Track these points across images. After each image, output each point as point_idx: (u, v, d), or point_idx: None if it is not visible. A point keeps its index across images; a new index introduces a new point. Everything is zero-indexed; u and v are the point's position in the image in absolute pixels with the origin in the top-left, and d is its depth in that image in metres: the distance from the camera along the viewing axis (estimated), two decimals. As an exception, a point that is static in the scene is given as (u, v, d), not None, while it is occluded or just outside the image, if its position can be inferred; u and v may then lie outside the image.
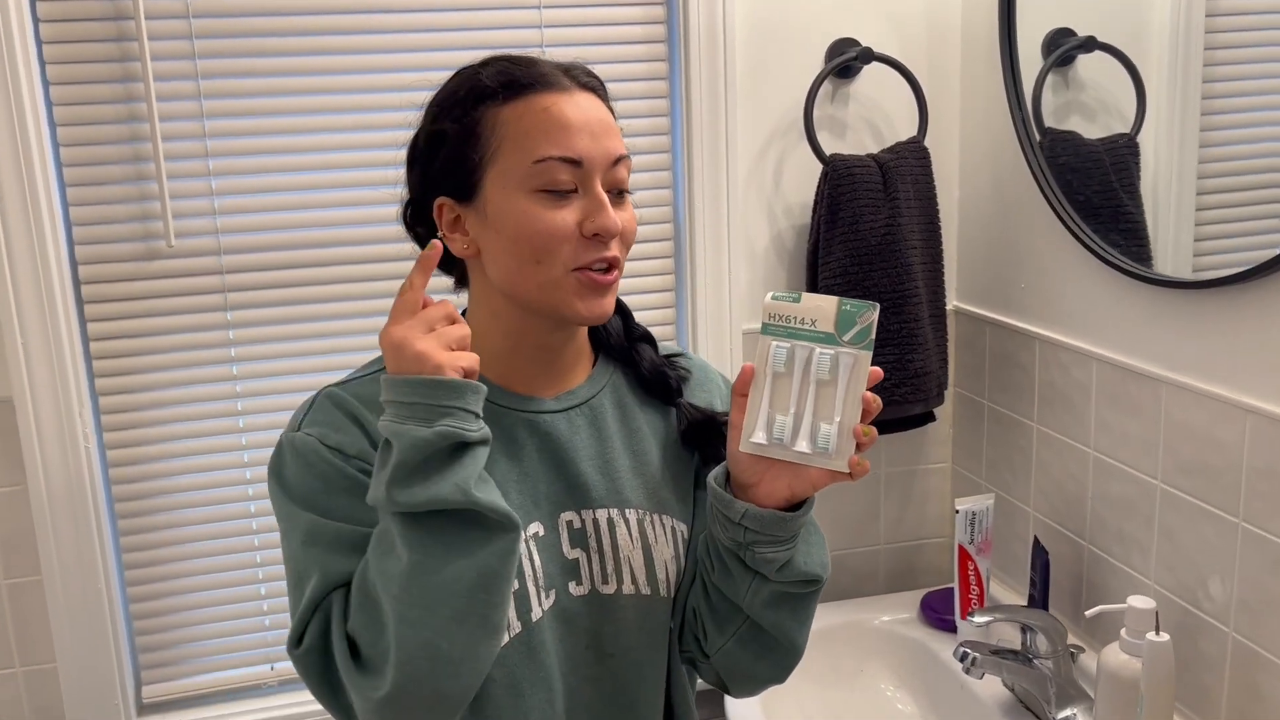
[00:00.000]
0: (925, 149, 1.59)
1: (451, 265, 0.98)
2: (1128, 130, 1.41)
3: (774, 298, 0.86)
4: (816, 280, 1.59)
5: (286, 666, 1.65)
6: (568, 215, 0.88)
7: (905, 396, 1.56)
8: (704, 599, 0.97)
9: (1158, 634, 1.15)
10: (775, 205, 1.65)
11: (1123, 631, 1.23)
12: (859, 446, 0.84)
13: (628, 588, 0.96)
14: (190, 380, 1.52)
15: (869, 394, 0.84)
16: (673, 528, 0.99)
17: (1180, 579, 1.29)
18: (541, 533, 0.93)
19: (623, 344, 1.04)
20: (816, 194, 1.59)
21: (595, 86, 0.92)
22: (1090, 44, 1.47)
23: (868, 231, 1.53)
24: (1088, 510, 1.45)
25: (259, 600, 1.61)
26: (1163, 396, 1.29)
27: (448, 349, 0.82)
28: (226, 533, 1.58)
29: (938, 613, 1.62)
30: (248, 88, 1.47)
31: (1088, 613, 1.26)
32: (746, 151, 1.62)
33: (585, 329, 1.00)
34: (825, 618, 1.65)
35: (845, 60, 1.58)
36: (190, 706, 1.61)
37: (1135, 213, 1.41)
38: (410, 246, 0.98)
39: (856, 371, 0.84)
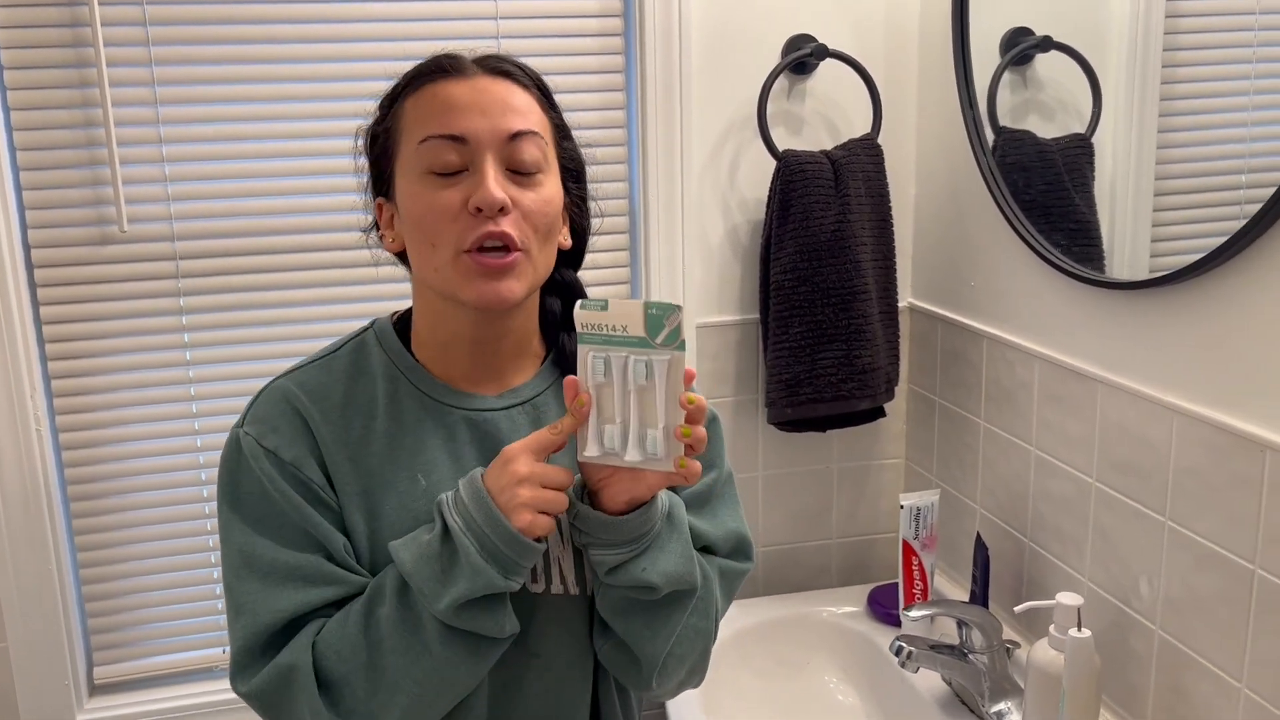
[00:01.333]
0: (878, 146, 1.60)
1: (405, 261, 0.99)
2: (1083, 130, 1.42)
3: (583, 306, 0.85)
4: (769, 275, 1.60)
5: (239, 650, 1.66)
6: (453, 194, 0.88)
7: (851, 392, 1.57)
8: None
9: (1079, 630, 1.16)
10: (730, 200, 1.66)
11: (1051, 627, 1.24)
12: (688, 448, 0.85)
13: (556, 587, 0.96)
14: (144, 365, 1.54)
15: (686, 395, 0.84)
16: None
17: (1113, 577, 1.30)
18: None
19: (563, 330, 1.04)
20: (770, 189, 1.60)
21: (508, 71, 0.93)
22: (1046, 43, 1.48)
23: (818, 227, 1.54)
24: (1029, 507, 1.46)
25: (212, 584, 1.63)
26: (1098, 396, 1.30)
27: (544, 514, 0.85)
28: (179, 516, 1.59)
29: (884, 607, 1.64)
30: (202, 75, 1.48)
31: (1017, 609, 1.27)
32: (702, 146, 1.63)
33: (529, 323, 1.00)
34: (773, 610, 1.67)
35: (799, 57, 1.58)
36: (142, 688, 1.63)
37: (1087, 213, 1.42)
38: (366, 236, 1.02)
39: (672, 374, 0.84)
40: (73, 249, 1.48)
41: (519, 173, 0.90)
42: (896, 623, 1.61)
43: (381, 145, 0.94)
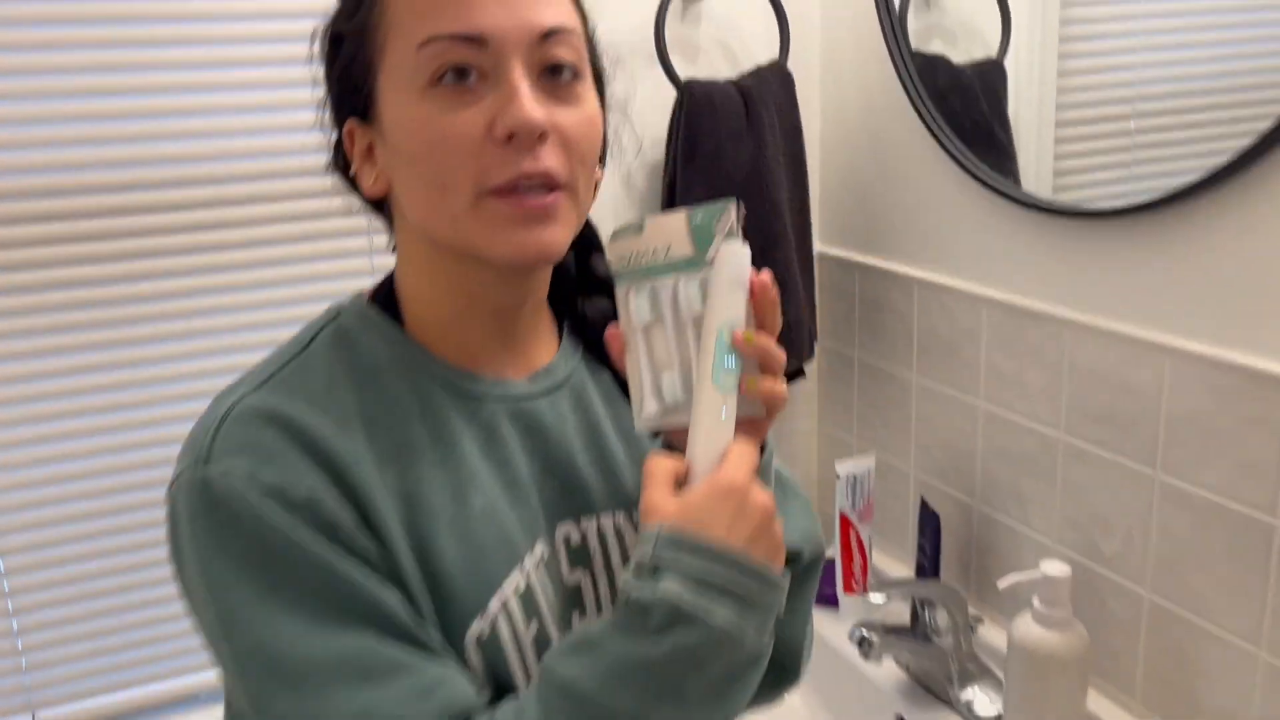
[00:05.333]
0: (789, 73, 1.42)
1: (384, 209, 0.75)
2: (994, 55, 1.30)
3: (615, 236, 0.69)
4: (674, 224, 1.40)
5: (51, 714, 1.34)
6: (472, 115, 0.64)
7: (778, 352, 1.39)
8: None
9: (1070, 603, 1.04)
10: (623, 139, 1.44)
11: (1034, 601, 1.11)
12: (763, 368, 0.66)
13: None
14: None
15: (753, 296, 0.66)
16: None
17: (1087, 538, 1.18)
18: (546, 555, 0.72)
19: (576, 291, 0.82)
20: (671, 125, 1.40)
21: None
22: (952, -40, 1.35)
23: (731, 166, 1.35)
24: (978, 467, 1.33)
25: (12, 638, 1.30)
26: (1065, 339, 1.17)
27: None
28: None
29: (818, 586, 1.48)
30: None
31: (1000, 583, 1.13)
32: (588, 78, 1.41)
33: (541, 282, 0.76)
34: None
35: (698, -30, 1.38)
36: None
37: (1006, 143, 1.30)
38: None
39: None
40: None
41: (554, 81, 0.67)
42: (833, 602, 1.45)
43: (353, 48, 0.69)
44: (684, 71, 1.42)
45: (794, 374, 1.49)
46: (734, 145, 1.35)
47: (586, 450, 0.77)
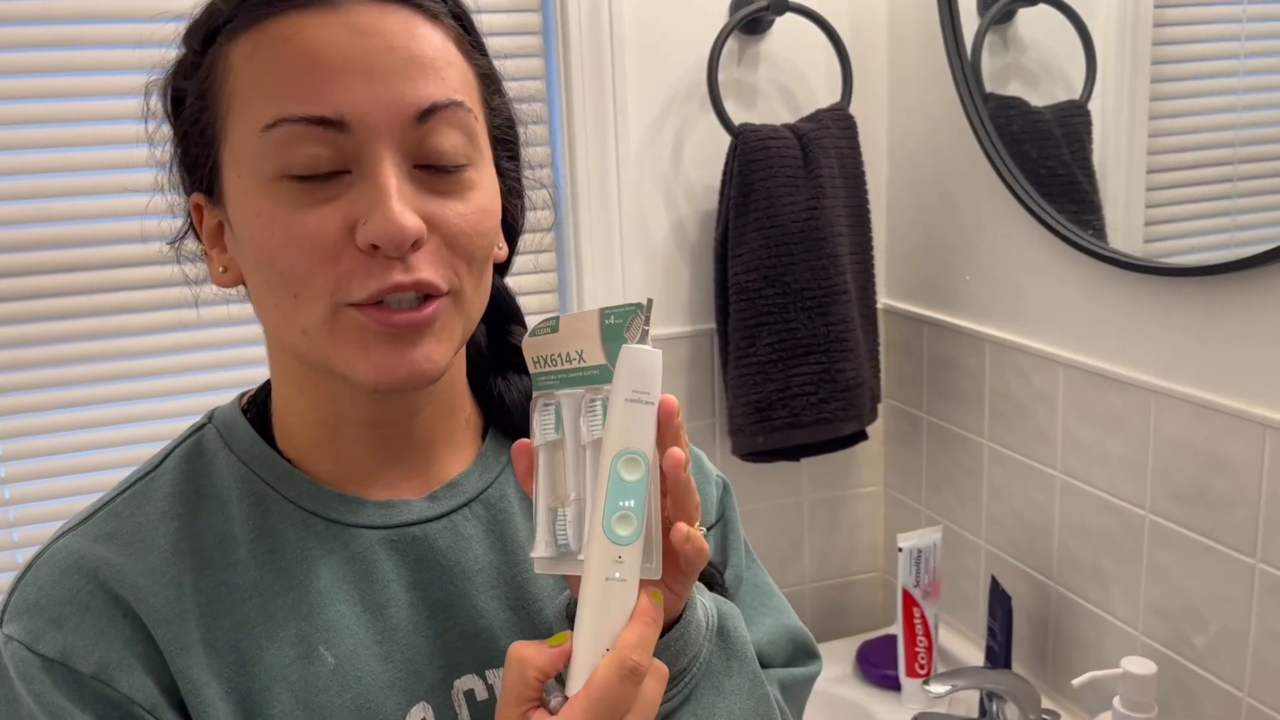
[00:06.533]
0: (851, 117, 1.34)
1: None
2: (1076, 97, 1.20)
3: (532, 332, 0.58)
4: (726, 276, 1.32)
5: None
6: (328, 215, 0.53)
7: (836, 414, 1.30)
8: None
9: (1155, 704, 0.92)
10: (675, 188, 1.38)
11: (1116, 702, 1.00)
12: (673, 513, 0.54)
13: None
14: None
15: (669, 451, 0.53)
16: None
17: (1177, 630, 1.06)
18: (430, 718, 0.60)
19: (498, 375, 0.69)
20: (724, 172, 1.33)
21: None
22: (1034, -4, 1.26)
23: (786, 216, 1.28)
24: (1055, 544, 1.22)
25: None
26: (1152, 408, 1.06)
27: None
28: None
29: (878, 667, 1.37)
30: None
31: (1075, 681, 1.01)
32: (639, 123, 1.35)
33: (454, 376, 0.65)
34: (746, 678, 1.39)
35: (754, 11, 1.31)
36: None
37: (1090, 191, 1.20)
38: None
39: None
40: None
41: (435, 169, 0.56)
42: (894, 685, 1.35)
43: (194, 113, 0.58)
44: (741, 116, 1.36)
45: (856, 436, 1.39)
46: (790, 193, 1.28)
47: (498, 583, 0.63)
